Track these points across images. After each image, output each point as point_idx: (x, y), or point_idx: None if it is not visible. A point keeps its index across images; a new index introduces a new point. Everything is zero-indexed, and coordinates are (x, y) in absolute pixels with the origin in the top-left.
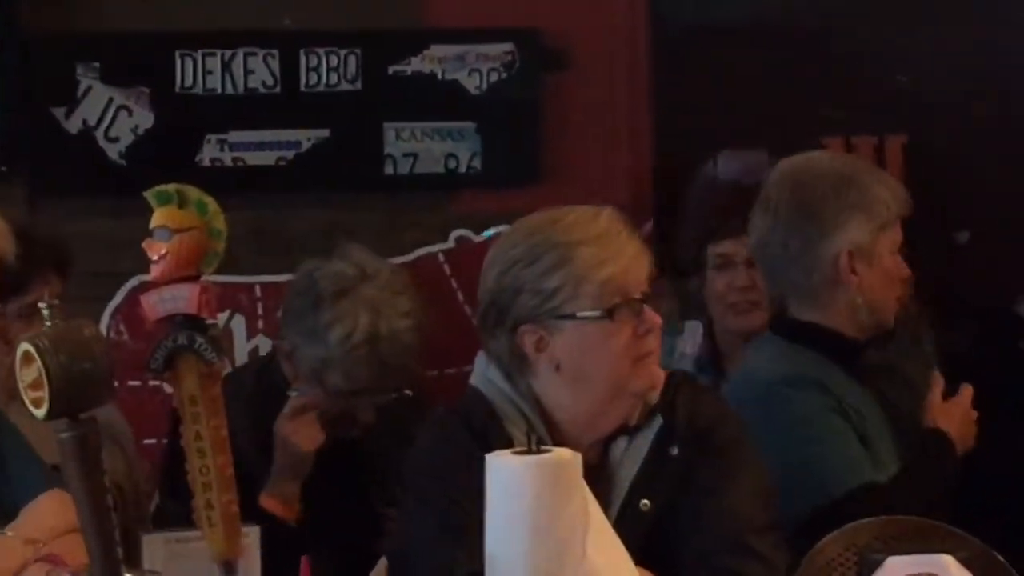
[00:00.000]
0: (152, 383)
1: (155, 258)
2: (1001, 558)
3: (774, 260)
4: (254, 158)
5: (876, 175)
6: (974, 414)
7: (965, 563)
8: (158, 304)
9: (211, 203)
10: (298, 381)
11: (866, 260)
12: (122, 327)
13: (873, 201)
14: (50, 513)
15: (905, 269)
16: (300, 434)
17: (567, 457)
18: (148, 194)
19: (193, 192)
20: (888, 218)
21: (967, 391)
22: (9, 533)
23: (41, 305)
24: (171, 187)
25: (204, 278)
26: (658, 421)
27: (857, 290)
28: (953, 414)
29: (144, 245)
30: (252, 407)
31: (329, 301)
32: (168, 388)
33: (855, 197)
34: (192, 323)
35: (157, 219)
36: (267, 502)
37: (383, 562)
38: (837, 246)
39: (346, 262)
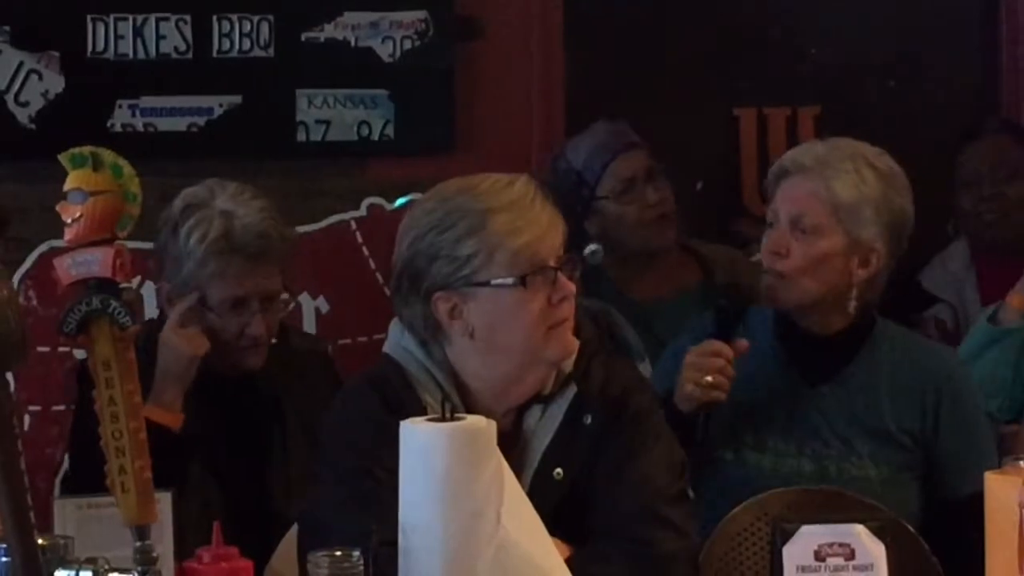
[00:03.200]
0: (61, 349)
1: (69, 221)
2: (910, 528)
3: None
4: (165, 124)
5: None
6: (713, 370)
7: (876, 532)
8: (71, 267)
9: (126, 166)
10: None
11: None
12: (31, 293)
13: None
14: None
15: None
16: (184, 337)
17: (481, 425)
18: (62, 157)
19: (108, 155)
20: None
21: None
22: None
23: None
24: (86, 150)
25: (118, 242)
26: (572, 390)
27: None
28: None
29: (58, 208)
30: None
31: (183, 217)
32: (78, 354)
33: None
34: (106, 287)
35: (71, 181)
36: (149, 411)
37: (294, 529)
38: None
39: (197, 187)
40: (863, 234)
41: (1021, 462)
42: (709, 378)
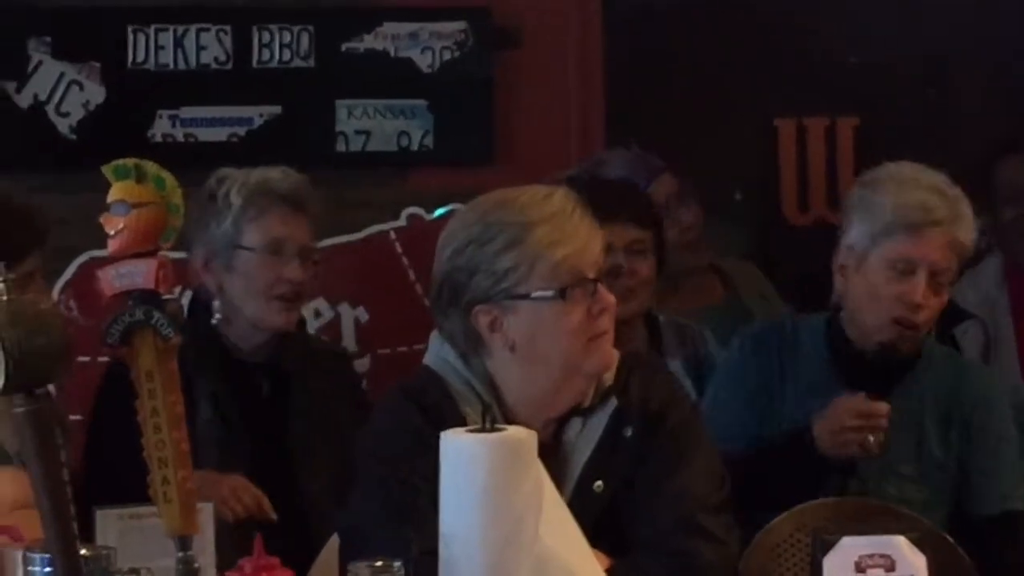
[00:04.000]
0: (101, 359)
1: (112, 232)
2: (950, 539)
3: None
4: (206, 134)
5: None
6: (855, 416)
7: (917, 544)
8: (115, 279)
9: (169, 178)
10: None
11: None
12: (72, 303)
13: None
14: (3, 487)
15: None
16: (232, 502)
17: (522, 436)
18: (106, 169)
19: (151, 167)
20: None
21: (882, 406)
22: None
23: None
24: (130, 162)
25: (161, 254)
26: (612, 402)
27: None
28: (843, 411)
29: (101, 219)
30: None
31: (219, 185)
32: None
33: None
34: (149, 298)
35: (115, 193)
36: None
37: (334, 539)
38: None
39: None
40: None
41: None
42: (872, 438)
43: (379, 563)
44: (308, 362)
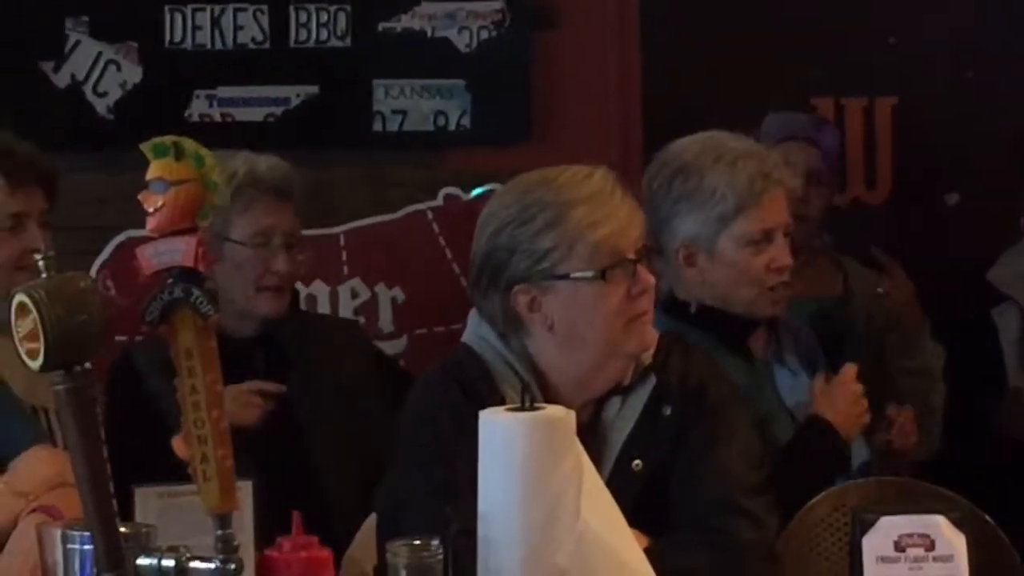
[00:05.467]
0: (138, 338)
1: (151, 210)
2: (989, 519)
3: None
4: (243, 114)
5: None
6: (858, 392)
7: (956, 523)
8: (154, 257)
9: (208, 156)
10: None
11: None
12: (109, 283)
13: (699, 191)
14: (41, 466)
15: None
16: (241, 411)
17: (561, 415)
18: (144, 146)
19: (190, 144)
20: (725, 210)
21: (847, 370)
22: None
23: (37, 257)
24: (168, 139)
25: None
26: (651, 381)
27: (700, 284)
28: (834, 397)
29: (140, 197)
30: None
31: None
32: None
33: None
34: (188, 276)
35: (154, 171)
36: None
37: (372, 518)
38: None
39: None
40: None
41: None
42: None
43: (417, 541)
44: (306, 334)
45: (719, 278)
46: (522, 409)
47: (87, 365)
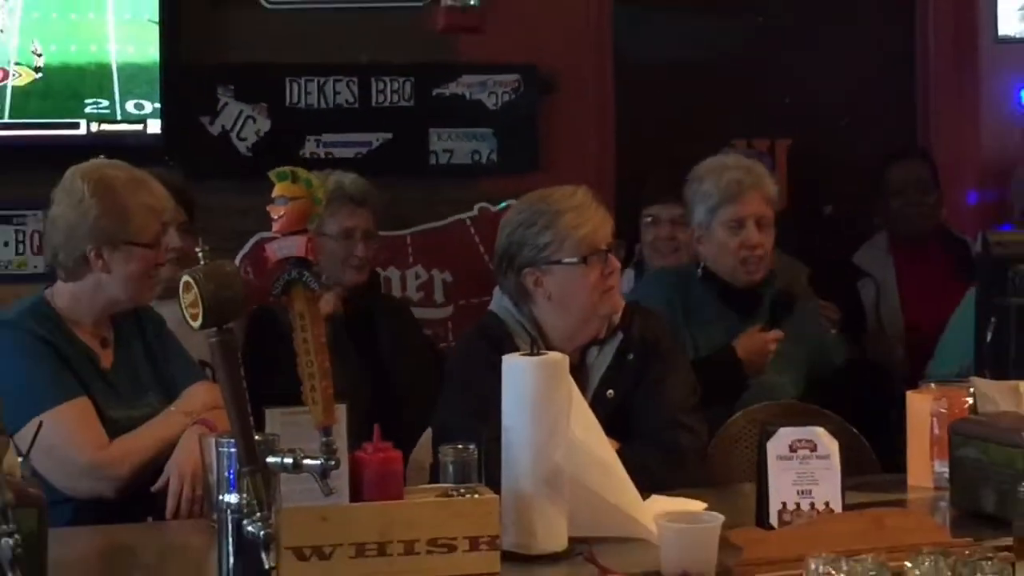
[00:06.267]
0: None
1: (275, 217)
2: (855, 430)
3: None
4: (339, 152)
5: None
6: (765, 345)
7: (832, 433)
8: (278, 250)
9: (315, 179)
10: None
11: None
12: (248, 268)
13: (701, 191)
14: (201, 395)
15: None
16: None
17: (557, 359)
18: (271, 173)
19: (302, 172)
20: (713, 203)
21: (774, 334)
22: (172, 409)
23: (198, 250)
24: (287, 168)
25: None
26: (619, 336)
27: (704, 255)
28: (751, 340)
29: (268, 208)
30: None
31: None
32: None
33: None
34: (301, 263)
35: (277, 191)
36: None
37: (428, 431)
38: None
39: None
40: None
41: (933, 385)
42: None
43: (460, 446)
44: (381, 303)
45: (712, 252)
46: (531, 355)
47: (231, 325)
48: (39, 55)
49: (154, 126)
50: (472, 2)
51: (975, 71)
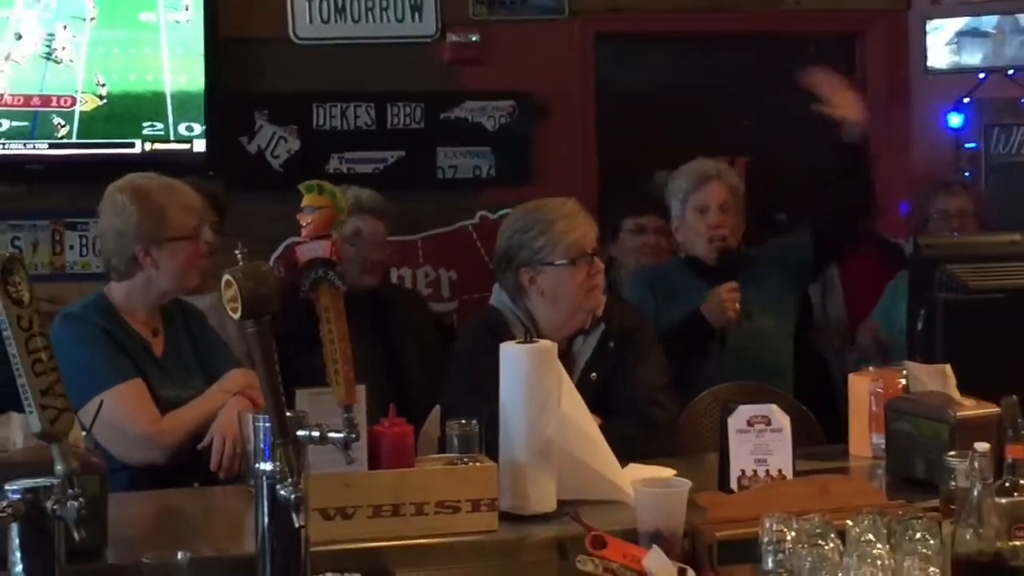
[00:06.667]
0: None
1: (304, 224)
2: (804, 407)
3: None
4: (360, 168)
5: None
6: (725, 297)
7: (784, 409)
8: (306, 252)
9: (338, 192)
10: None
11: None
12: (280, 268)
13: (675, 186)
14: (239, 377)
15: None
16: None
17: (548, 346)
18: (300, 186)
19: (327, 185)
20: (687, 191)
21: (727, 285)
22: (214, 388)
23: (237, 252)
24: (314, 182)
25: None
26: (602, 326)
27: (682, 242)
28: (712, 296)
29: (297, 216)
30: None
31: None
32: None
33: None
34: (326, 263)
35: (306, 201)
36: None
37: (436, 408)
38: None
39: None
40: None
41: (871, 367)
42: (737, 306)
43: (463, 422)
44: (395, 296)
45: (687, 237)
46: (525, 343)
47: (267, 317)
48: (102, 85)
49: (199, 145)
50: (474, 38)
51: (907, 99)
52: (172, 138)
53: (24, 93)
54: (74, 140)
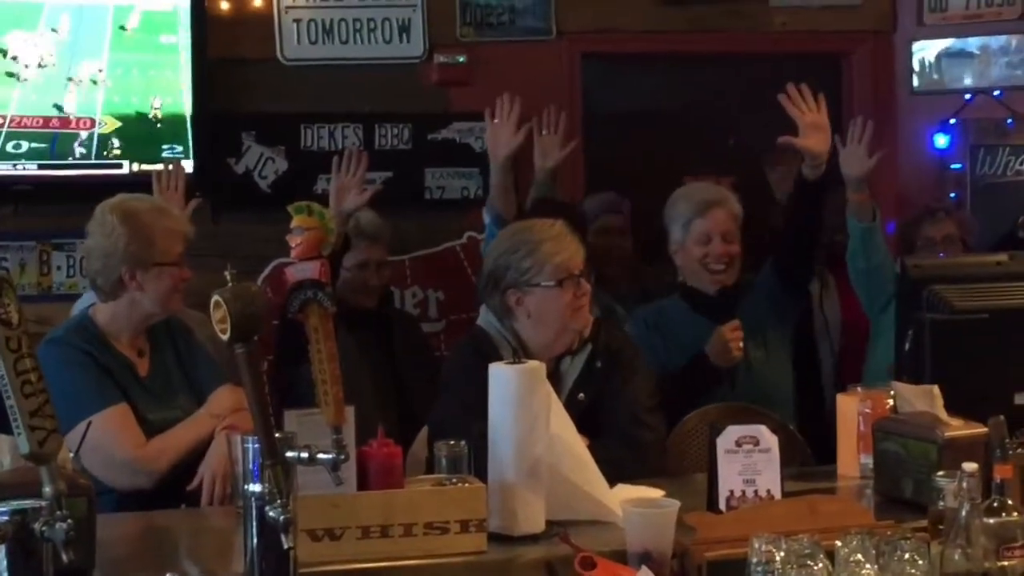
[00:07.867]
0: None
1: (293, 245)
2: (792, 428)
3: None
4: None
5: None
6: (725, 339)
7: (772, 430)
8: (296, 273)
9: (327, 213)
10: None
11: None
12: (268, 289)
13: (676, 212)
14: (226, 398)
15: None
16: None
17: (536, 366)
18: (290, 207)
19: (316, 206)
20: (690, 217)
21: (729, 324)
22: (202, 412)
23: (225, 273)
24: (303, 203)
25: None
26: (589, 347)
27: (682, 268)
28: (715, 336)
29: (287, 238)
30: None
31: None
32: None
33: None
34: (315, 284)
35: (295, 222)
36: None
37: (425, 429)
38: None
39: None
40: None
41: (859, 388)
42: (740, 344)
43: (452, 442)
44: (395, 315)
45: (685, 264)
46: (514, 363)
47: (255, 338)
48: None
49: (187, 166)
50: (461, 59)
51: (894, 119)
52: (157, 159)
53: (42, 115)
54: (63, 161)
